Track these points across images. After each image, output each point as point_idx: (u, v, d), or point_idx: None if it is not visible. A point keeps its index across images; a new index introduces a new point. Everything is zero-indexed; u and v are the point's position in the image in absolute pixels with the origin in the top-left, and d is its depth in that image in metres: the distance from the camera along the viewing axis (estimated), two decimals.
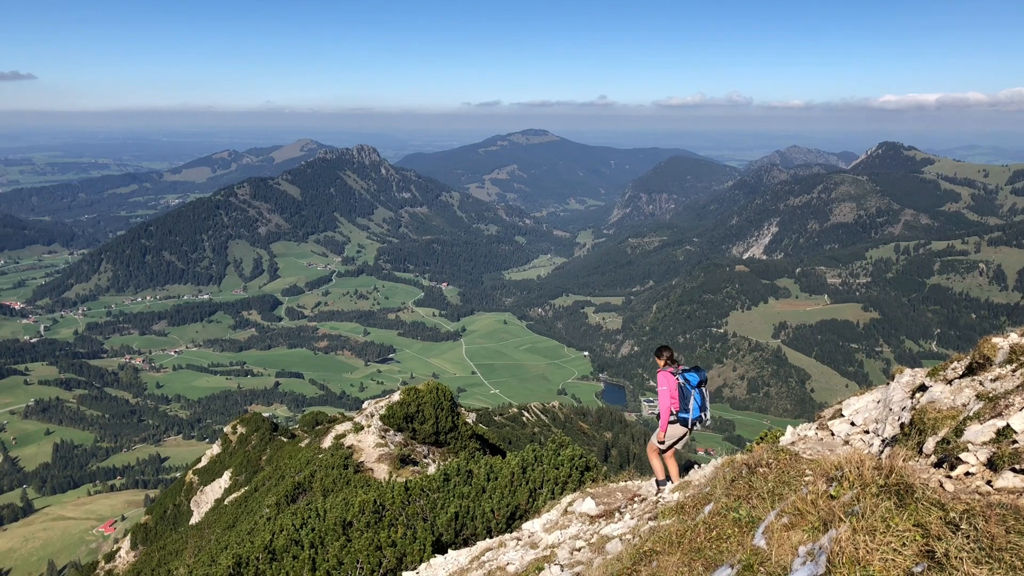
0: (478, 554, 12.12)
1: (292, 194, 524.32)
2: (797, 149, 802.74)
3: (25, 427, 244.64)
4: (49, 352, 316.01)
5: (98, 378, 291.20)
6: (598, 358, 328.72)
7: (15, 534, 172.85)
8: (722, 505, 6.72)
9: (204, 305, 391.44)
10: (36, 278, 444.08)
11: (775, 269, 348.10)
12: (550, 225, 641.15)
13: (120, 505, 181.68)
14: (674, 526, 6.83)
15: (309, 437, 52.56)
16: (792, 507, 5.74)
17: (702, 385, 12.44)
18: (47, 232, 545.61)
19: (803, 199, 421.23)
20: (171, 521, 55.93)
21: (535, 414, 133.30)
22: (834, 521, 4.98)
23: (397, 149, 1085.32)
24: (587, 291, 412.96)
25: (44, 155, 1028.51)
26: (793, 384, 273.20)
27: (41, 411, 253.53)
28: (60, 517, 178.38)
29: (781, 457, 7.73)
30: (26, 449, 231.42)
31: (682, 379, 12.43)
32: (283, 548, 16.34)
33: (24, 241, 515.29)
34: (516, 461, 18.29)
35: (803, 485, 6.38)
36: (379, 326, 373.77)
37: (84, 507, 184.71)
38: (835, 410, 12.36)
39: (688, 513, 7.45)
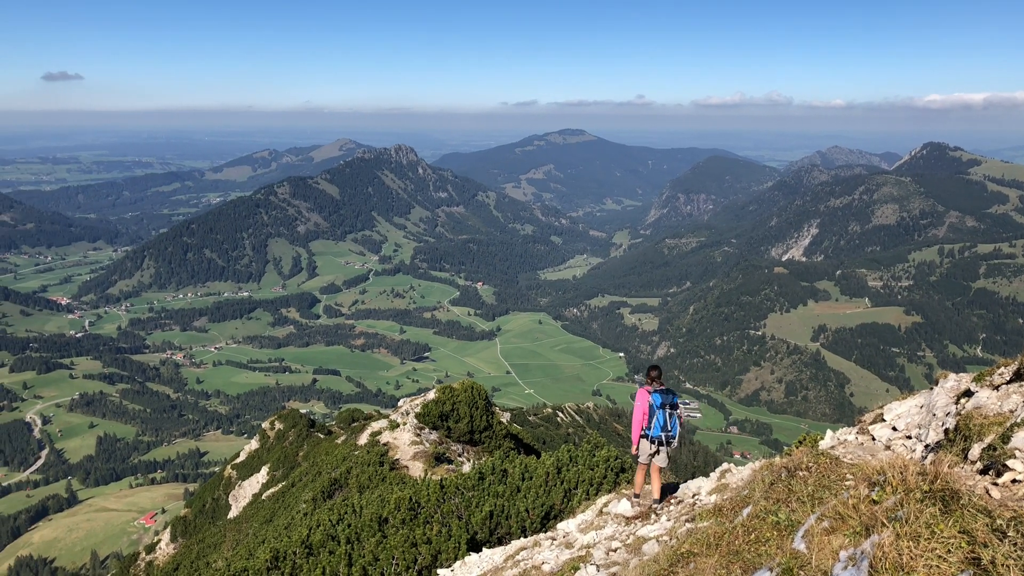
0: (513, 553, 12.13)
1: (331, 193, 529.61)
2: (838, 149, 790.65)
3: (70, 420, 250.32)
4: (93, 347, 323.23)
5: (140, 373, 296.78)
6: (633, 359, 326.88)
7: (60, 524, 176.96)
8: (761, 508, 6.65)
9: (244, 302, 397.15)
10: (81, 274, 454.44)
11: (815, 271, 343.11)
12: (586, 225, 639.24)
13: (160, 498, 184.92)
14: (712, 528, 6.77)
15: (345, 434, 53.03)
16: (833, 511, 5.65)
17: (666, 407, 12.80)
18: (92, 229, 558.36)
19: (844, 200, 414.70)
20: (210, 514, 56.83)
21: (569, 415, 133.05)
22: (877, 526, 4.90)
23: (434, 149, 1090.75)
24: (623, 292, 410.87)
25: (90, 154, 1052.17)
26: (832, 388, 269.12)
27: (85, 404, 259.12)
28: (103, 509, 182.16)
29: (821, 461, 7.63)
30: (71, 441, 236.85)
31: (652, 399, 12.81)
32: (320, 543, 16.51)
33: (70, 238, 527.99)
34: (551, 461, 18.28)
35: (844, 489, 6.28)
36: (415, 325, 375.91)
37: (126, 499, 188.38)
38: (876, 415, 12.16)
39: (726, 515, 7.38)
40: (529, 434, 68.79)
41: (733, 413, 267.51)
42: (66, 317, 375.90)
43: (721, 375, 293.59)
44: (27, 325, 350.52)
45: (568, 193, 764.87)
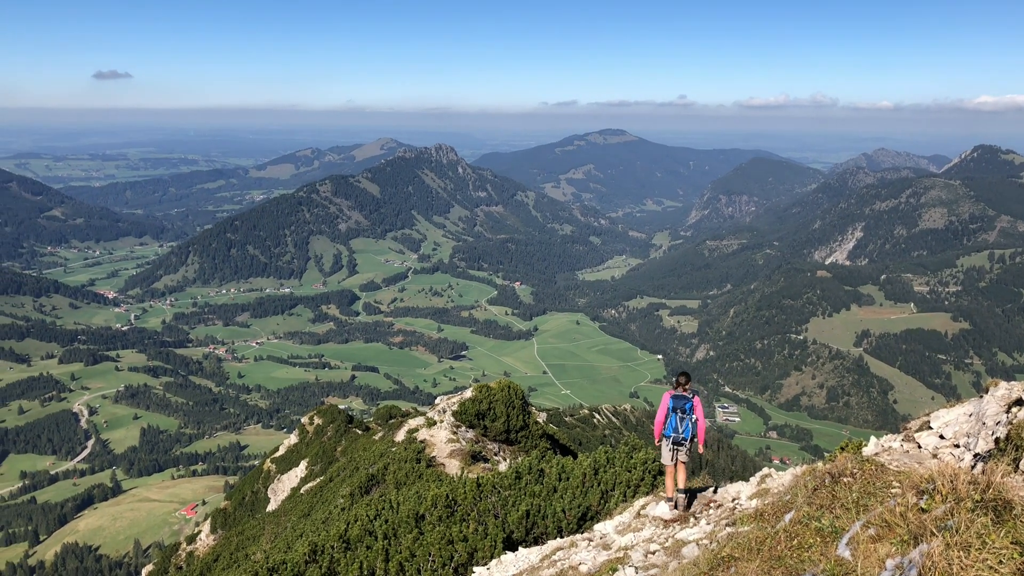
0: (549, 553, 12.11)
1: (372, 192, 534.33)
2: (885, 152, 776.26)
3: (115, 411, 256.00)
4: (138, 340, 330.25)
5: (183, 366, 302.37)
6: (672, 362, 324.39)
7: (104, 513, 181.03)
8: (804, 514, 6.54)
9: (285, 298, 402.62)
10: (128, 269, 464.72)
11: (859, 275, 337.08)
12: (626, 226, 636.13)
13: (201, 490, 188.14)
14: (753, 533, 6.67)
15: (383, 430, 53.43)
16: (879, 519, 5.55)
17: (678, 411, 13.59)
18: (139, 225, 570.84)
19: (890, 203, 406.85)
20: (249, 507, 57.65)
21: (606, 416, 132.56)
22: (925, 535, 4.79)
23: (474, 148, 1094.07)
24: (662, 293, 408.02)
25: (138, 151, 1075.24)
26: (875, 395, 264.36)
27: (130, 396, 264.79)
28: (146, 499, 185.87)
29: (866, 467, 7.48)
30: (116, 432, 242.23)
31: (669, 402, 13.79)
32: (357, 538, 16.65)
33: (118, 233, 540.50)
34: (588, 462, 18.21)
35: (890, 497, 6.15)
36: (452, 323, 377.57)
37: (168, 490, 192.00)
38: (922, 422, 11.91)
39: (767, 520, 7.28)
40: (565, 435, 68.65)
41: (772, 418, 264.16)
42: (113, 310, 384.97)
43: (761, 379, 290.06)
44: (75, 318, 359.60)
45: (608, 193, 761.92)
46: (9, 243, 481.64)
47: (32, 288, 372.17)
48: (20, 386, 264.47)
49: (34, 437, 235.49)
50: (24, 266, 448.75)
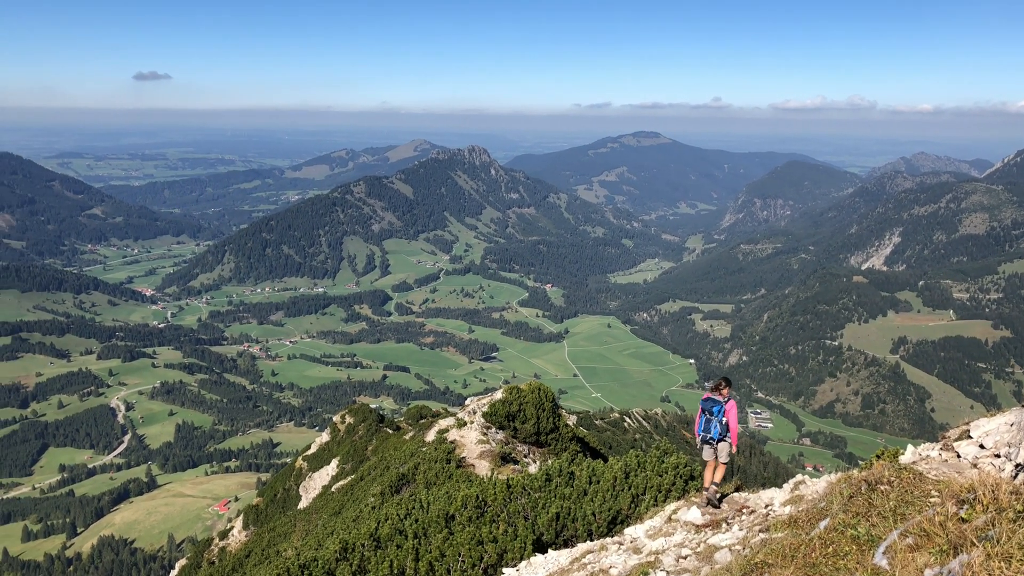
0: (579, 556, 12.07)
1: (405, 193, 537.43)
2: (924, 156, 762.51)
3: (151, 407, 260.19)
4: (175, 337, 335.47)
5: (218, 364, 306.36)
6: (704, 366, 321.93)
7: (140, 507, 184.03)
8: (839, 521, 6.45)
9: (319, 298, 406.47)
10: (165, 267, 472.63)
11: (896, 281, 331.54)
12: (659, 229, 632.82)
13: (234, 486, 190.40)
14: (787, 539, 6.59)
15: (413, 430, 53.67)
16: (918, 527, 5.47)
17: (706, 412, 14.32)
18: (176, 224, 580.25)
19: (929, 208, 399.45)
20: (281, 504, 58.24)
21: (637, 420, 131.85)
22: (965, 545, 4.72)
23: (507, 150, 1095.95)
24: (695, 297, 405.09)
25: (176, 151, 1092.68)
26: (911, 402, 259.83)
27: (166, 393, 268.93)
28: (180, 494, 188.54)
29: (904, 476, 7.36)
30: (151, 428, 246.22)
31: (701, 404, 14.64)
32: (387, 537, 16.74)
33: (156, 232, 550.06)
34: (619, 466, 18.13)
35: (929, 506, 6.03)
36: (483, 325, 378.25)
37: (201, 486, 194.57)
38: (962, 431, 11.68)
39: (801, 527, 7.18)
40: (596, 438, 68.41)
41: (806, 424, 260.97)
42: (150, 308, 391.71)
43: (794, 385, 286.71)
44: (114, 314, 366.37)
45: (641, 196, 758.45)
46: (51, 240, 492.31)
47: (73, 285, 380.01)
48: (60, 381, 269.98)
49: (73, 431, 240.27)
50: (65, 263, 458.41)
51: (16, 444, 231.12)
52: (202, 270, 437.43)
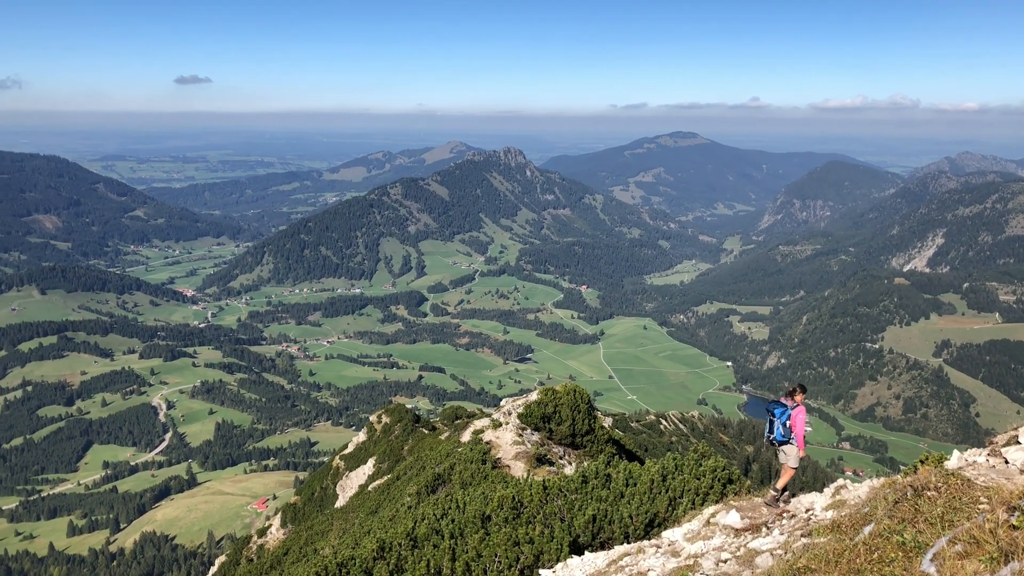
0: (616, 558, 12.01)
1: (441, 194, 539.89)
2: (969, 155, 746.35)
3: (192, 406, 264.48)
4: (215, 337, 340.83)
5: (257, 363, 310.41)
6: (742, 369, 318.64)
7: (180, 504, 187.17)
8: (884, 527, 6.32)
9: (356, 299, 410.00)
10: (206, 268, 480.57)
11: (939, 283, 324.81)
12: (696, 230, 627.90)
13: (272, 484, 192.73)
14: (830, 544, 6.47)
15: (449, 430, 53.86)
16: (967, 534, 5.41)
17: (770, 413, 14.71)
18: (217, 225, 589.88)
19: (974, 209, 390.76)
20: (318, 503, 58.82)
21: (673, 423, 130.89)
22: (1017, 553, 4.67)
23: (543, 151, 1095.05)
24: (733, 299, 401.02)
25: (217, 153, 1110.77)
26: (955, 407, 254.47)
27: (206, 392, 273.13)
28: (219, 492, 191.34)
29: (951, 482, 7.20)
30: (192, 426, 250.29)
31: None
32: (424, 536, 16.81)
33: (197, 233, 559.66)
34: (656, 468, 18.01)
35: (978, 513, 5.94)
36: (518, 326, 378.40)
37: (240, 484, 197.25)
38: (1010, 436, 11.42)
39: (845, 532, 7.06)
40: (631, 440, 68.07)
41: (846, 428, 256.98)
42: (191, 308, 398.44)
43: (834, 388, 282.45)
44: (155, 315, 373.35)
45: (678, 197, 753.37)
46: (96, 242, 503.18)
47: (116, 285, 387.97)
48: (103, 379, 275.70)
49: (116, 429, 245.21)
50: (109, 264, 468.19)
51: (62, 441, 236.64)
52: (242, 271, 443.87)
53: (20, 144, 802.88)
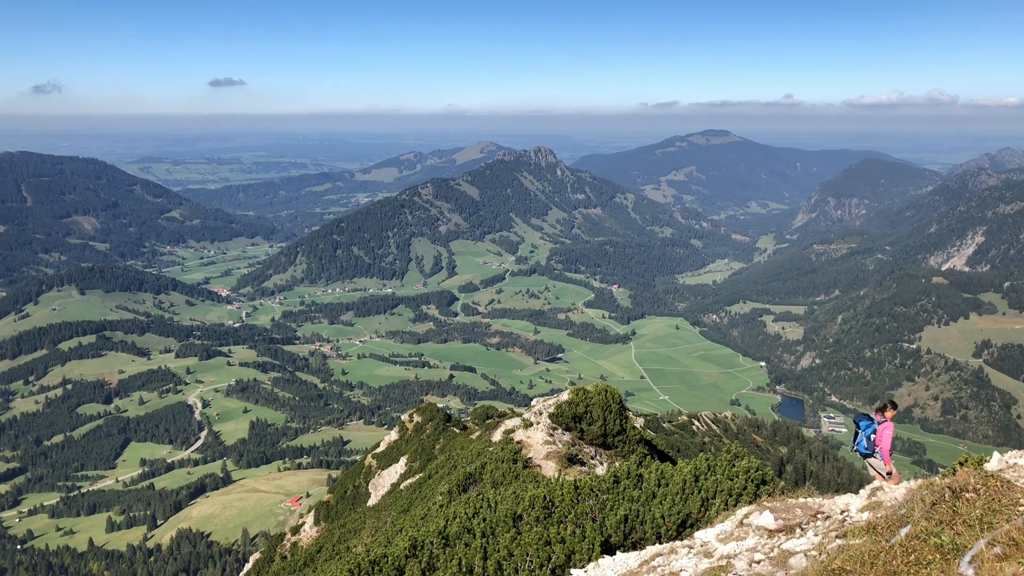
0: (648, 558, 11.96)
1: (471, 194, 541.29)
2: (1010, 151, 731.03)
3: (227, 404, 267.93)
4: (249, 336, 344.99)
5: (290, 362, 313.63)
6: (775, 369, 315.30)
7: (216, 501, 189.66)
8: (921, 529, 6.23)
9: (387, 298, 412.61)
10: (240, 268, 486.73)
11: (979, 282, 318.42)
12: (728, 228, 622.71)
13: (305, 482, 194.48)
14: (866, 546, 6.38)
15: (480, 430, 53.97)
16: (1006, 536, 5.39)
17: (856, 425, 15.95)
18: (251, 226, 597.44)
19: (1016, 206, 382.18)
20: (351, 501, 59.28)
21: (706, 423, 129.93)
22: None
23: (573, 150, 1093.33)
24: (766, 298, 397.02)
25: (251, 155, 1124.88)
26: (996, 408, 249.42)
27: (240, 390, 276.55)
28: (254, 489, 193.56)
29: (991, 484, 7.07)
30: (227, 424, 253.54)
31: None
32: (456, 535, 16.87)
33: (231, 234, 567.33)
34: (688, 469, 17.90)
35: (1018, 515, 5.92)
36: (549, 325, 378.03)
37: (274, 482, 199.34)
38: None
39: (880, 534, 6.97)
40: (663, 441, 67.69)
41: None
42: (226, 308, 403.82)
43: (870, 389, 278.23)
44: (191, 314, 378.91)
45: (710, 195, 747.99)
46: (133, 242, 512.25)
47: (152, 285, 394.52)
48: (140, 378, 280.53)
49: (153, 427, 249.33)
50: (145, 264, 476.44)
51: (101, 438, 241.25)
52: (275, 271, 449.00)
53: (60, 147, 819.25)
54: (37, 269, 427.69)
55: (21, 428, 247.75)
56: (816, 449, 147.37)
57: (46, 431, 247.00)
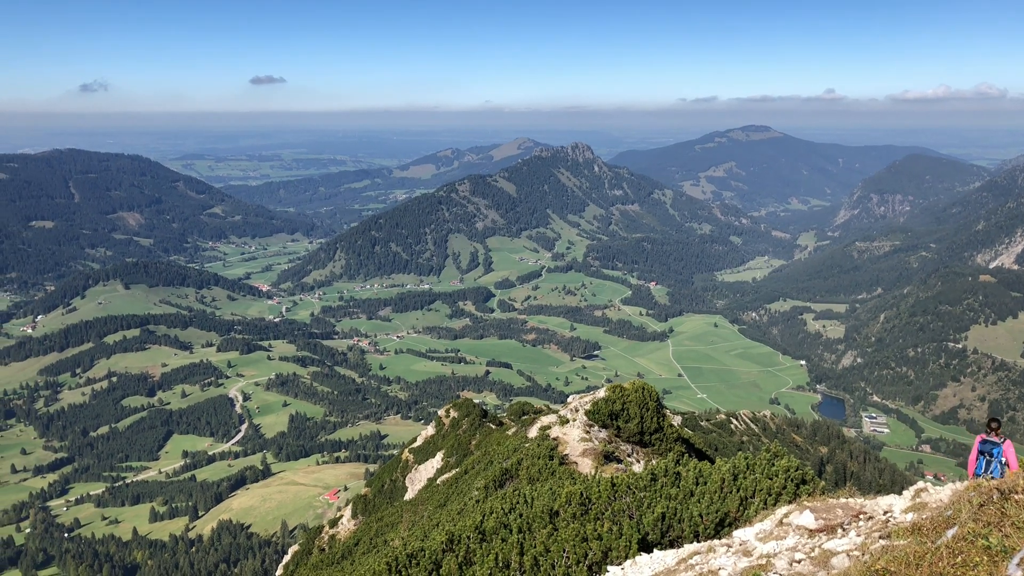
0: (686, 556, 11.89)
1: (508, 191, 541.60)
2: None
3: (267, 398, 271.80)
4: (289, 331, 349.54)
5: (329, 357, 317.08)
6: (816, 368, 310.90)
7: (255, 494, 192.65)
8: (968, 530, 6.10)
9: (424, 294, 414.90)
10: (280, 263, 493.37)
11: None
12: (768, 225, 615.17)
13: (343, 476, 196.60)
14: (911, 547, 6.25)
15: (516, 426, 54.05)
16: None
17: (984, 454, 15.23)
18: (291, 222, 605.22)
19: None
20: (388, 495, 59.79)
21: (744, 422, 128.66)
22: None
23: (611, 146, 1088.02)
24: (807, 296, 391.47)
25: (291, 152, 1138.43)
26: None
27: (280, 384, 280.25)
28: (293, 482, 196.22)
29: None
30: (266, 418, 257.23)
31: (979, 446, 15.48)
32: (492, 530, 16.92)
33: (272, 230, 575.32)
34: (727, 467, 17.73)
35: None
36: (585, 322, 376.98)
37: (313, 475, 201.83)
38: None
39: (926, 535, 6.83)
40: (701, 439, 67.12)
41: (926, 431, 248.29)
42: (266, 303, 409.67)
43: (913, 389, 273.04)
44: (232, 309, 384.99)
45: (750, 192, 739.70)
46: (176, 238, 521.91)
47: (195, 280, 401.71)
48: (183, 371, 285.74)
49: (195, 419, 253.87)
50: (188, 259, 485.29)
51: (144, 430, 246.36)
52: (315, 267, 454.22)
53: (106, 144, 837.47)
54: (84, 264, 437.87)
55: (68, 419, 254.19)
56: (857, 449, 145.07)
57: (92, 422, 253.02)
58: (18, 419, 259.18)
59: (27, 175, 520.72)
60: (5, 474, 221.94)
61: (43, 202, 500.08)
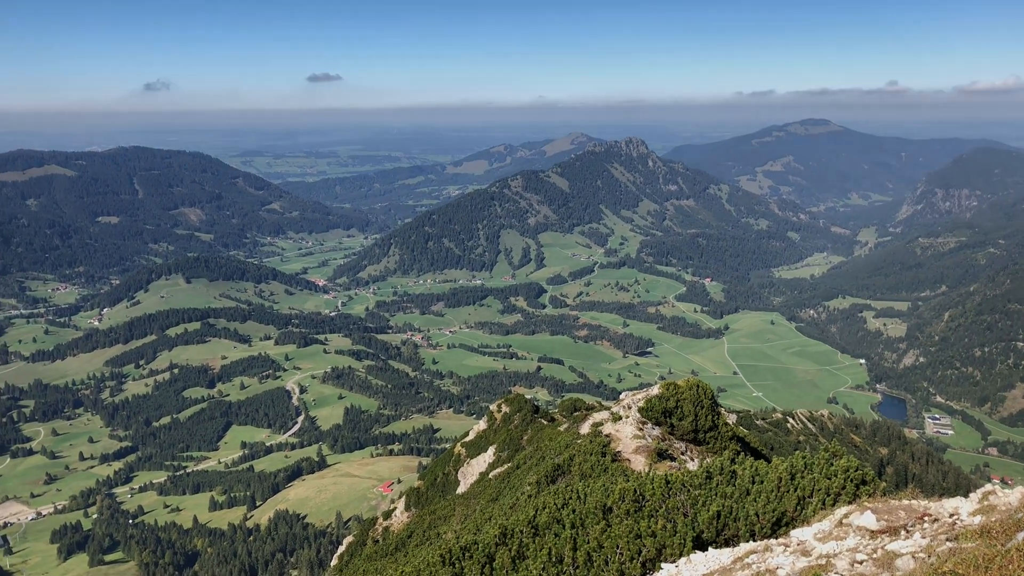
0: (742, 555, 11.72)
1: (560, 186, 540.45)
2: None
3: (322, 391, 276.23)
4: (344, 325, 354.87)
5: (383, 351, 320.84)
6: (876, 367, 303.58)
7: (311, 485, 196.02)
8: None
9: (477, 290, 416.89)
10: (336, 259, 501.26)
11: None
12: (827, 221, 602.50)
13: (397, 468, 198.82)
14: (980, 549, 6.05)
15: (568, 422, 53.93)
16: None
17: None
18: (347, 218, 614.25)
19: None
20: (440, 488, 60.25)
21: (801, 421, 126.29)
22: None
23: (665, 141, 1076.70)
24: (867, 294, 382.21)
25: (347, 149, 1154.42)
26: None
27: (335, 377, 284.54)
28: (347, 474, 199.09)
29: None
30: (322, 410, 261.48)
31: None
32: (545, 525, 16.92)
33: (328, 225, 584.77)
34: (784, 467, 17.41)
35: None
36: (638, 319, 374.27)
37: (367, 467, 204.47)
38: None
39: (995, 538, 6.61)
40: (756, 438, 66.07)
41: (992, 433, 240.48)
42: (322, 297, 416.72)
43: (980, 390, 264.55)
44: (290, 303, 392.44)
45: (808, 187, 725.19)
46: (235, 233, 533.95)
47: (254, 275, 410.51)
48: (242, 364, 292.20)
49: (253, 411, 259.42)
50: (247, 254, 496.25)
51: (204, 421, 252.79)
52: (370, 262, 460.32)
53: (168, 142, 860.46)
54: (147, 258, 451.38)
55: (132, 409, 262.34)
56: (919, 451, 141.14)
57: (155, 413, 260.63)
58: (86, 408, 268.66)
59: (94, 172, 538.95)
60: (74, 461, 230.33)
61: (109, 198, 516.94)
